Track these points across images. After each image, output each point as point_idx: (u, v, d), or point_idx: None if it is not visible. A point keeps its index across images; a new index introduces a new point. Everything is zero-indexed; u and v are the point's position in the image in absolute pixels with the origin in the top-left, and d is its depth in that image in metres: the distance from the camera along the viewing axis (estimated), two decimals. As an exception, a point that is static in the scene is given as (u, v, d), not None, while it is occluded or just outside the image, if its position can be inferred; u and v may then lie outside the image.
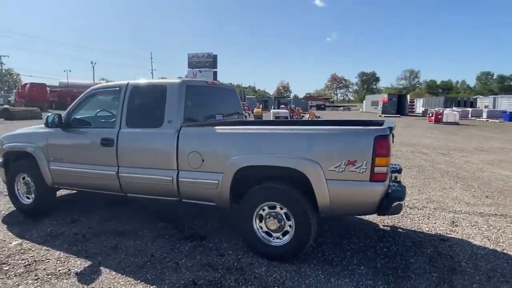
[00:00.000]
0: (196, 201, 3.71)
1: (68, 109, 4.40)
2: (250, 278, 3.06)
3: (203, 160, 3.51)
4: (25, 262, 3.35)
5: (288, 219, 3.27)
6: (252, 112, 29.10)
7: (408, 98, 42.10)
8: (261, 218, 3.40)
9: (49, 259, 3.42)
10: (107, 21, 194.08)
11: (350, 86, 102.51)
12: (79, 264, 3.32)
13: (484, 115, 32.66)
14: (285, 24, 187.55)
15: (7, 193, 4.90)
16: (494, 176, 7.29)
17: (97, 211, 4.85)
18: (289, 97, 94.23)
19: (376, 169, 2.89)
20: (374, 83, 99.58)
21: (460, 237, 3.98)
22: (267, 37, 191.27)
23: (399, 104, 38.37)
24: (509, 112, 30.16)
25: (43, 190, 4.52)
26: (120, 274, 3.13)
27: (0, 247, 3.68)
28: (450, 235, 4.03)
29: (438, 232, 4.13)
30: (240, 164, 3.31)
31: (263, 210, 3.37)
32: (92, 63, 67.99)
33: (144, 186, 3.89)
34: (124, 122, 3.97)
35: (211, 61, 57.64)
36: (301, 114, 24.21)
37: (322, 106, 65.73)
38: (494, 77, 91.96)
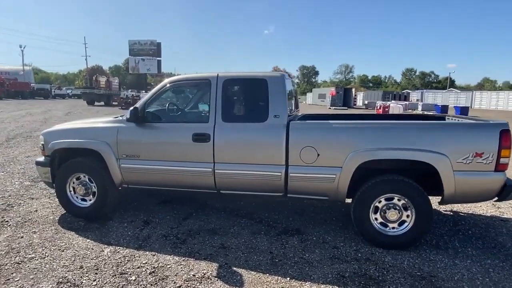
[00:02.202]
0: (305, 195, 3.72)
1: (143, 102, 4.03)
2: (386, 266, 3.20)
3: (318, 155, 3.52)
4: (146, 270, 3.07)
5: (406, 210, 3.47)
6: None
7: (354, 92, 44.94)
8: (376, 209, 3.55)
9: (168, 264, 3.18)
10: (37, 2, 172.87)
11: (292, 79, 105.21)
12: (207, 266, 3.15)
13: (419, 108, 36.31)
14: (225, 15, 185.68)
15: (34, 195, 4.34)
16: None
17: (159, 210, 4.55)
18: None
19: (501, 160, 3.21)
20: (314, 76, 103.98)
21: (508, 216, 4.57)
22: (207, 27, 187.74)
23: (345, 97, 40.78)
24: (441, 105, 34.07)
25: (107, 191, 4.10)
26: (259, 273, 3.05)
27: (97, 256, 3.31)
28: (504, 216, 4.60)
29: (494, 214, 4.67)
30: (363, 159, 3.40)
31: (380, 202, 3.52)
32: (21, 47, 60.03)
33: (244, 182, 3.77)
34: (220, 117, 3.77)
35: (155, 49, 55.09)
36: None
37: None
38: (417, 73, 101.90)
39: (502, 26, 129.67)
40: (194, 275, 2.99)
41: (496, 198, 3.39)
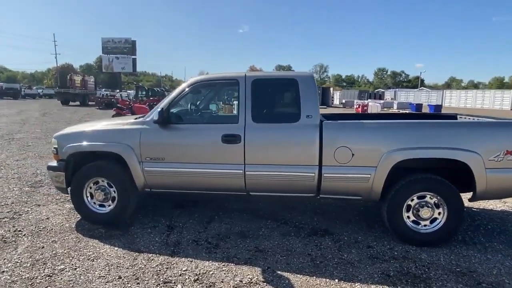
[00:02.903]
0: (337, 196, 3.72)
1: (167, 103, 3.88)
2: (425, 263, 3.25)
3: (353, 155, 3.53)
4: (189, 277, 2.96)
5: (437, 207, 3.54)
6: None
7: (332, 91, 45.70)
8: (408, 208, 3.60)
9: (210, 270, 3.07)
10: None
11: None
12: (250, 271, 3.07)
13: (395, 106, 37.52)
14: (199, 14, 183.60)
15: (39, 202, 4.10)
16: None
17: (178, 214, 4.42)
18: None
19: (531, 158, 3.34)
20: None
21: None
22: (182, 26, 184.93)
23: (323, 96, 41.35)
24: (415, 104, 35.32)
25: (129, 196, 3.92)
26: (305, 276, 3.01)
27: (132, 265, 3.15)
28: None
29: (504, 209, 4.87)
30: (400, 158, 3.43)
31: (412, 200, 3.57)
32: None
33: (275, 184, 3.72)
34: (250, 117, 3.69)
35: (130, 47, 53.78)
36: None
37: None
38: (388, 72, 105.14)
39: (465, 27, 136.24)
40: (241, 281, 2.91)
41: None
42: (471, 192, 3.54)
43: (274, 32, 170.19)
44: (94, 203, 4.03)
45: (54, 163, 4.10)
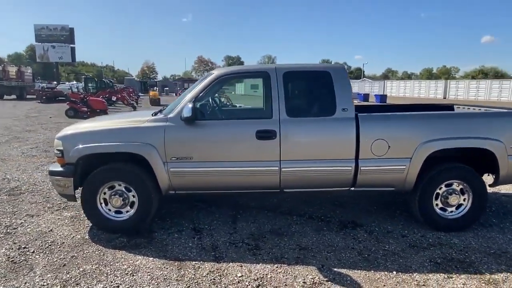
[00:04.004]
0: (372, 188, 3.74)
1: (191, 97, 3.57)
2: (461, 248, 3.41)
3: (389, 147, 3.56)
4: (249, 283, 2.77)
5: (463, 194, 3.74)
6: (137, 98, 26.63)
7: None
8: (437, 196, 3.74)
9: (267, 274, 2.91)
10: None
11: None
12: (307, 271, 2.97)
13: (345, 96, 39.26)
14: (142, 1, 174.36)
15: (28, 211, 3.61)
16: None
17: (198, 215, 4.16)
18: (155, 78, 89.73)
19: (545, 145, 3.64)
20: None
21: None
22: (123, 11, 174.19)
23: (277, 87, 41.83)
24: (363, 93, 37.37)
25: (152, 200, 3.58)
26: (363, 271, 2.99)
27: (180, 276, 2.87)
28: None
29: (505, 193, 5.30)
30: (433, 148, 3.54)
31: (440, 188, 3.72)
32: None
33: (311, 179, 3.63)
34: (284, 111, 3.55)
35: (67, 35, 49.65)
36: None
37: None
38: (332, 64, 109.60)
39: (398, 22, 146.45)
40: (304, 282, 2.80)
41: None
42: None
43: (221, 21, 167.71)
44: (109, 210, 3.62)
45: (57, 167, 3.59)
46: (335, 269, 3.01)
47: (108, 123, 3.72)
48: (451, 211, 3.77)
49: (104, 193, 3.59)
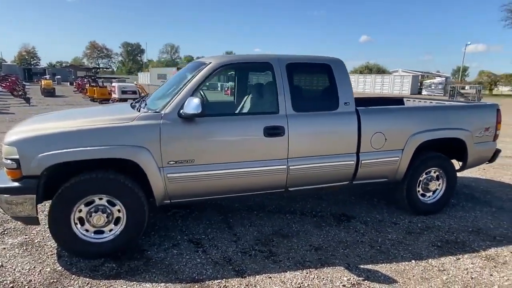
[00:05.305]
0: (368, 180, 3.80)
1: (187, 91, 3.05)
2: (446, 229, 3.74)
3: (386, 140, 3.67)
4: (292, 296, 2.53)
5: (438, 179, 4.11)
6: (23, 88, 22.42)
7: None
8: (419, 183, 4.03)
9: (301, 282, 2.70)
10: None
11: (114, 56, 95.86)
12: (338, 273, 2.86)
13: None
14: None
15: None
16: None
17: (187, 224, 3.69)
18: (38, 64, 77.94)
19: (497, 132, 4.23)
20: (139, 55, 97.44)
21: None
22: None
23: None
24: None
25: (145, 213, 3.00)
26: (386, 264, 3.02)
27: (210, 300, 2.45)
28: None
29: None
30: (422, 139, 3.77)
31: (422, 176, 4.02)
32: None
33: (315, 176, 3.51)
34: (291, 106, 3.32)
35: None
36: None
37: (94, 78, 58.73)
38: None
39: (291, 17, 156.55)
40: (344, 285, 2.68)
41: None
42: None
43: (114, 4, 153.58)
44: (87, 230, 2.90)
45: (9, 183, 2.70)
46: (362, 266, 2.97)
47: (81, 122, 2.93)
48: (429, 196, 4.11)
49: (80, 211, 2.85)
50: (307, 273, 2.83)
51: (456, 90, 33.42)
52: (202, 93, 3.43)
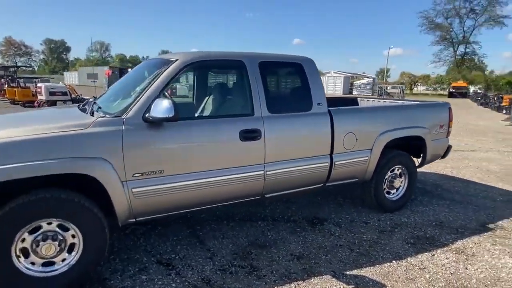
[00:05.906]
0: (340, 181, 3.74)
1: (153, 91, 2.65)
2: (414, 225, 3.84)
3: (356, 140, 3.64)
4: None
5: (401, 177, 4.22)
6: None
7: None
8: (385, 181, 4.10)
9: (293, 299, 2.49)
10: None
11: (35, 54, 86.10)
12: (328, 282, 2.71)
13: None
14: None
15: None
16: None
17: (151, 243, 3.28)
18: None
19: (449, 129, 4.48)
20: (64, 53, 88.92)
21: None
22: None
23: (121, 76, 38.08)
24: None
25: (106, 235, 2.55)
26: (370, 267, 2.95)
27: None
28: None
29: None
30: (389, 138, 3.81)
31: (387, 174, 4.09)
32: None
33: (292, 180, 3.34)
34: (265, 107, 3.10)
35: None
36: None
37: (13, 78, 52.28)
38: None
39: (227, 19, 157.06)
40: None
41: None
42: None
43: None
44: (33, 263, 2.36)
45: None
46: (348, 273, 2.87)
47: (21, 131, 2.37)
48: (393, 193, 4.21)
49: (23, 240, 2.31)
50: (295, 287, 2.64)
51: (383, 89, 36.31)
52: (166, 94, 3.05)
